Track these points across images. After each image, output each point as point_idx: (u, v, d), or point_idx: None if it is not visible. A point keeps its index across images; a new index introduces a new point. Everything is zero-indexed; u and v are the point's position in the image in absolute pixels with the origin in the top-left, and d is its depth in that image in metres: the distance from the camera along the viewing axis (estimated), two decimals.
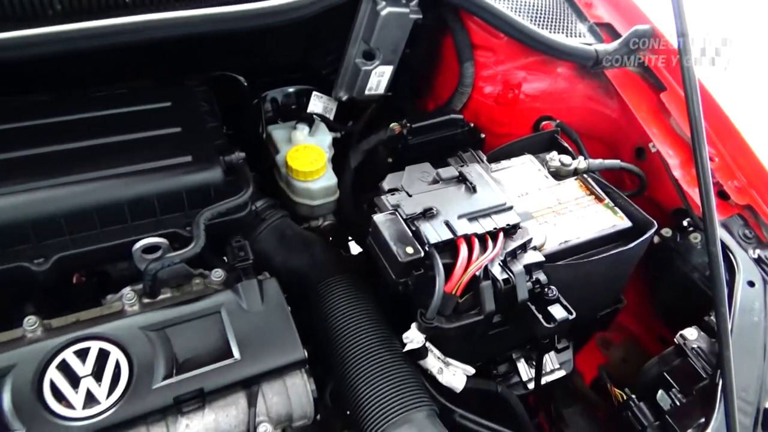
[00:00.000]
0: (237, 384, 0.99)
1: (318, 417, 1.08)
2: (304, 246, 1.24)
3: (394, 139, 1.34)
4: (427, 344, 1.11)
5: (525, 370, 1.33)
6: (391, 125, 1.35)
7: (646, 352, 1.56)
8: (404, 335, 1.11)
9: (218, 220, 1.10)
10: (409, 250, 1.04)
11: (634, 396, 1.22)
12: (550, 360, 1.36)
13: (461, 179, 1.20)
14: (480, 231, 1.09)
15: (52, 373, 0.91)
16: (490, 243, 1.09)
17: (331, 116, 1.59)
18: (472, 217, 1.12)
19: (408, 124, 1.33)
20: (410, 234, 1.07)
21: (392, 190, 1.17)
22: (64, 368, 0.92)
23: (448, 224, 1.09)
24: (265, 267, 1.18)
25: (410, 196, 1.15)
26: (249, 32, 1.25)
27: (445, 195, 1.16)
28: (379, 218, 1.09)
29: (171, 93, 1.22)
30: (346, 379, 1.06)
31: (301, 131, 1.47)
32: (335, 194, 1.41)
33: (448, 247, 1.07)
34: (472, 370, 1.19)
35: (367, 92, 1.54)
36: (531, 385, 1.31)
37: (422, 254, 1.04)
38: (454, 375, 1.17)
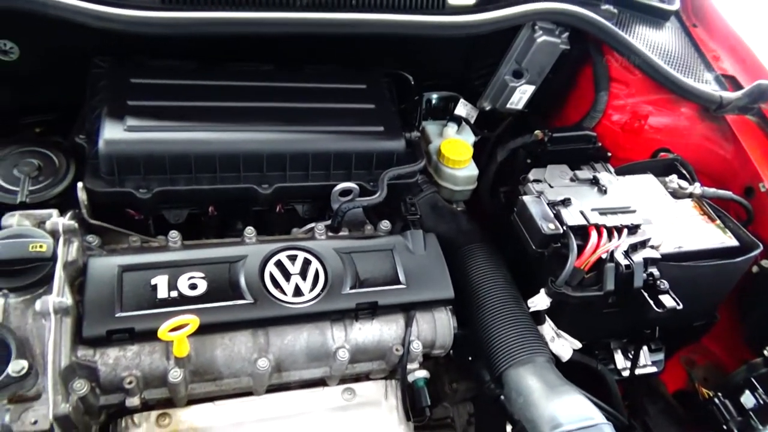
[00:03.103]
0: (399, 306, 1.25)
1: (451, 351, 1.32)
2: (451, 216, 1.50)
3: (535, 144, 1.58)
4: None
5: (620, 360, 1.52)
6: (535, 132, 1.59)
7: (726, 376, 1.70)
8: (530, 300, 1.33)
9: (395, 181, 1.37)
10: (551, 226, 1.27)
11: (719, 394, 1.38)
12: (644, 356, 1.53)
13: (594, 182, 1.43)
14: (608, 224, 1.31)
15: (271, 267, 1.20)
16: (615, 234, 1.30)
17: (471, 122, 1.86)
18: (602, 212, 1.34)
19: (550, 133, 1.57)
20: (551, 215, 1.30)
21: (536, 181, 1.41)
22: (279, 265, 1.21)
23: (582, 213, 1.32)
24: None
25: (552, 187, 1.39)
26: (426, 40, 1.54)
27: (580, 191, 1.39)
28: (527, 198, 1.33)
29: (365, 77, 1.52)
30: (481, 324, 1.29)
31: (452, 128, 1.74)
32: (474, 184, 1.66)
33: (581, 232, 1.29)
34: (579, 344, 1.39)
35: (508, 105, 1.80)
36: (625, 373, 1.49)
37: (561, 231, 1.27)
38: (563, 346, 1.39)
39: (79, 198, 1.17)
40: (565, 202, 1.33)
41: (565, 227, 1.28)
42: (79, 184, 1.17)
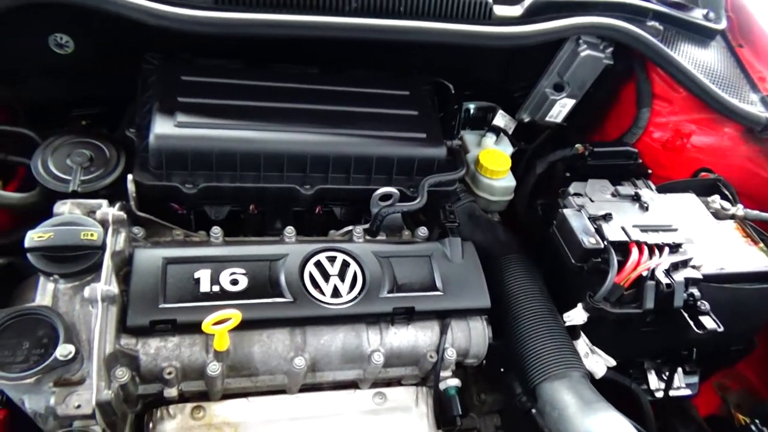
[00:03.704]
0: (435, 312, 1.25)
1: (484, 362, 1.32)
2: (488, 225, 1.50)
3: (576, 157, 1.57)
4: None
5: (654, 380, 1.49)
6: (576, 145, 1.59)
7: (761, 404, 1.66)
8: (566, 314, 1.32)
9: (435, 188, 1.37)
10: (592, 240, 1.26)
11: (756, 421, 1.35)
12: (678, 378, 1.51)
13: (636, 198, 1.41)
14: (650, 241, 1.30)
15: (311, 267, 1.21)
16: (656, 252, 1.29)
17: (509, 133, 1.86)
18: (644, 229, 1.33)
19: (591, 147, 1.56)
20: (592, 229, 1.29)
21: (576, 194, 1.40)
22: (319, 266, 1.22)
23: (623, 229, 1.30)
24: None
25: (592, 201, 1.38)
26: (469, 49, 1.54)
27: (621, 207, 1.38)
28: (567, 211, 1.33)
29: (408, 84, 1.53)
30: (516, 335, 1.28)
31: (490, 138, 1.74)
32: (510, 195, 1.66)
33: (622, 248, 1.28)
34: (613, 362, 1.38)
35: (547, 118, 1.80)
36: (658, 394, 1.46)
37: (601, 246, 1.26)
38: (597, 362, 1.37)
39: (129, 190, 1.19)
40: (606, 217, 1.32)
41: (606, 242, 1.27)
42: (129, 177, 1.20)
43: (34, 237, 1.02)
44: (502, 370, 1.37)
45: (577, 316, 1.29)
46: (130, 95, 1.45)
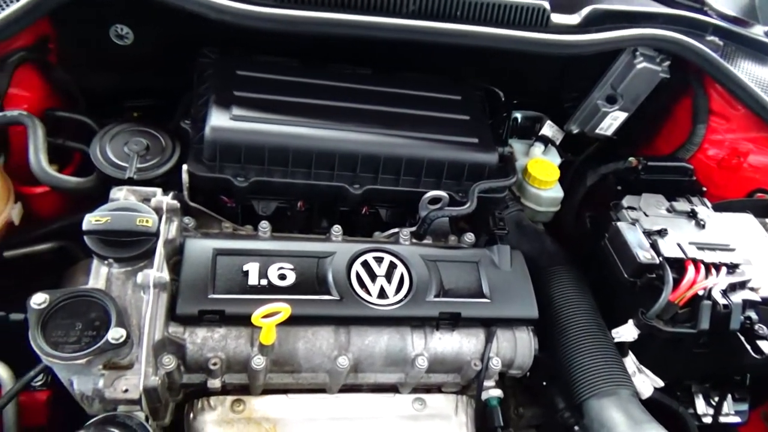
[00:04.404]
0: (481, 320, 1.22)
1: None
2: (536, 235, 1.47)
3: (628, 171, 1.54)
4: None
5: (701, 405, 1.44)
6: (629, 158, 1.55)
7: None
8: (615, 330, 1.29)
9: (484, 195, 1.35)
10: (647, 255, 1.23)
11: None
12: (727, 404, 1.45)
13: (692, 215, 1.37)
14: (707, 260, 1.25)
15: (357, 267, 1.20)
16: (713, 271, 1.24)
17: (557, 143, 1.83)
18: (700, 247, 1.28)
19: (644, 161, 1.52)
20: (647, 244, 1.26)
21: (630, 208, 1.36)
22: (366, 266, 1.21)
23: (679, 246, 1.26)
24: None
25: (647, 216, 1.34)
26: (522, 57, 1.53)
27: (677, 223, 1.34)
28: (621, 225, 1.29)
29: (460, 89, 1.51)
30: (563, 348, 1.25)
31: (539, 148, 1.72)
32: (557, 206, 1.63)
33: (677, 265, 1.24)
34: (660, 383, 1.33)
35: (597, 131, 1.76)
36: (706, 420, 1.41)
37: (657, 262, 1.22)
38: (644, 382, 1.33)
39: (183, 180, 1.20)
40: (662, 233, 1.28)
41: (661, 258, 1.23)
42: (184, 167, 1.21)
43: (91, 220, 1.03)
44: (544, 383, 1.33)
45: (627, 332, 1.25)
46: (182, 89, 1.47)
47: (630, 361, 1.31)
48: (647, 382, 1.33)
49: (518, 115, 1.83)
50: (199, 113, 1.30)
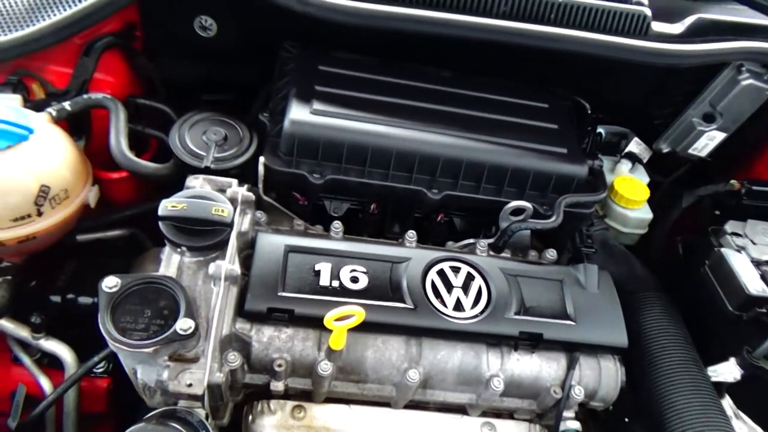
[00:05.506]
0: (563, 343, 1.12)
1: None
2: (624, 257, 1.36)
3: (729, 194, 1.41)
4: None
5: None
6: (731, 181, 1.42)
7: None
8: (712, 367, 1.16)
9: (571, 209, 1.26)
10: (758, 287, 1.10)
11: None
12: None
13: None
14: None
15: (433, 275, 1.13)
16: None
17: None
18: None
19: (748, 185, 1.39)
20: (757, 275, 1.13)
21: (735, 234, 1.24)
22: (442, 275, 1.13)
23: None
24: None
25: (754, 244, 1.21)
26: (612, 67, 1.43)
27: None
28: (728, 251, 1.17)
29: (547, 97, 1.43)
30: (653, 383, 1.13)
31: (626, 165, 1.60)
32: (644, 229, 1.51)
33: None
34: None
35: (690, 151, 1.63)
36: None
37: None
38: (740, 430, 1.19)
39: (259, 172, 1.17)
40: None
41: None
42: (261, 159, 1.17)
43: (168, 206, 1.00)
44: (626, 419, 1.22)
45: (726, 371, 1.13)
46: (258, 84, 1.45)
47: (726, 405, 1.18)
48: (744, 430, 1.19)
49: (602, 130, 1.72)
50: (277, 106, 1.27)
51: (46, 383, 1.20)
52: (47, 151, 1.10)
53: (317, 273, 1.08)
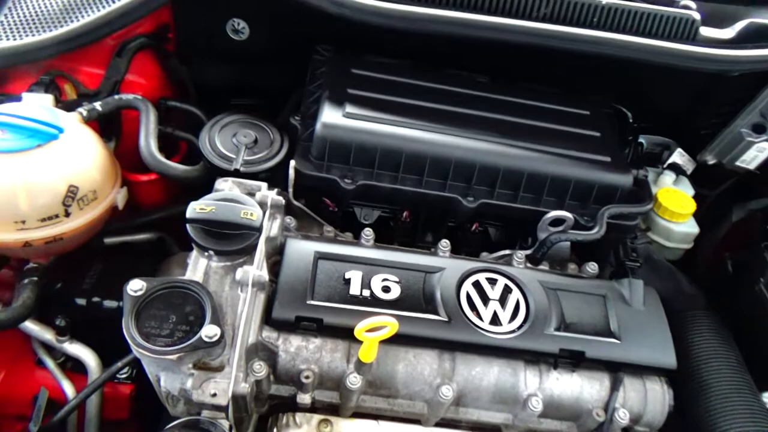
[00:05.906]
0: (606, 363, 1.05)
1: None
2: (670, 273, 1.29)
3: None
4: None
5: None
6: None
7: None
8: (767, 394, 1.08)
9: (614, 221, 1.19)
10: None
11: None
12: None
13: None
14: None
15: (468, 287, 1.07)
16: None
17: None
18: None
19: None
20: None
21: None
22: (478, 287, 1.08)
23: None
24: None
25: None
26: (656, 74, 1.36)
27: None
28: None
29: (587, 104, 1.37)
30: (704, 409, 1.06)
31: (669, 176, 1.53)
32: (689, 244, 1.43)
33: None
34: None
35: (737, 163, 1.55)
36: None
37: None
38: None
39: (289, 176, 1.14)
40: None
41: None
42: (292, 162, 1.14)
43: (196, 208, 0.97)
44: None
45: None
46: (290, 87, 1.42)
47: None
48: None
49: (643, 140, 1.65)
50: (309, 110, 1.24)
51: (68, 387, 1.18)
52: (77, 152, 1.09)
53: (347, 281, 1.03)
